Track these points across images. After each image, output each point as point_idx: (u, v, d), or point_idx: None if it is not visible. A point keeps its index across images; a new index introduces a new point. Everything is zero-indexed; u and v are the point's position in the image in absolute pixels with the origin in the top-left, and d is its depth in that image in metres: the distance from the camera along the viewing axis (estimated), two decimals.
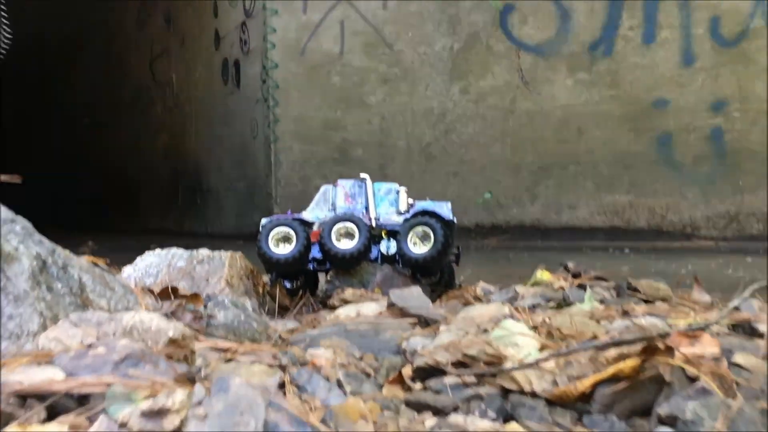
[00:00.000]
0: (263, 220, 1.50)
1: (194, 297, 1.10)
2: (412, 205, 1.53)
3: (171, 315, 0.73)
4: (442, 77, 3.74)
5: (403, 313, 1.10)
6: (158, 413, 0.51)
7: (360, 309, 1.23)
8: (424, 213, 1.49)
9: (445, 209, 1.50)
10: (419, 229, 1.46)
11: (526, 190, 3.72)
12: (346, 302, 1.34)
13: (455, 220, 1.50)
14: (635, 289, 1.55)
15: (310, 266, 1.50)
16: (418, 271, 1.49)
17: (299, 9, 3.76)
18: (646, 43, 3.59)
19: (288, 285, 1.52)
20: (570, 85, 3.66)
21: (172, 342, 0.60)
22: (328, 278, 1.49)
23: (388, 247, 1.50)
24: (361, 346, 0.96)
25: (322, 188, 1.58)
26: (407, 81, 3.75)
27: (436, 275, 1.53)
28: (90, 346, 0.57)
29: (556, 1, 3.66)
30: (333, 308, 1.33)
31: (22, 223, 0.68)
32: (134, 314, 0.60)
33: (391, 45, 3.75)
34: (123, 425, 0.52)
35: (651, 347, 0.64)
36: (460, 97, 3.74)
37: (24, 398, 0.57)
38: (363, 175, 1.59)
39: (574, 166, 3.67)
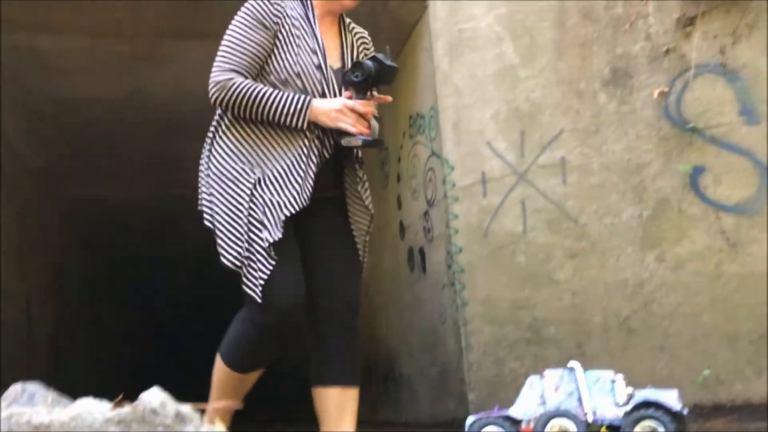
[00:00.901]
0: (470, 419, 1.43)
1: None
2: (631, 396, 1.40)
3: None
4: (633, 247, 3.57)
5: None
6: None
7: None
8: (648, 404, 1.34)
9: (671, 398, 1.35)
10: (646, 423, 1.31)
11: (749, 363, 3.30)
12: None
13: (685, 411, 1.34)
14: None
15: None
16: None
17: (479, 194, 3.85)
18: None
19: None
20: None
21: None
22: None
23: None
24: None
25: (529, 380, 1.50)
26: (596, 253, 3.62)
27: None
28: None
29: (752, 157, 3.45)
30: None
31: None
32: None
33: (575, 219, 3.69)
34: None
35: None
36: (657, 266, 3.52)
37: None
38: (572, 363, 1.49)
39: None
